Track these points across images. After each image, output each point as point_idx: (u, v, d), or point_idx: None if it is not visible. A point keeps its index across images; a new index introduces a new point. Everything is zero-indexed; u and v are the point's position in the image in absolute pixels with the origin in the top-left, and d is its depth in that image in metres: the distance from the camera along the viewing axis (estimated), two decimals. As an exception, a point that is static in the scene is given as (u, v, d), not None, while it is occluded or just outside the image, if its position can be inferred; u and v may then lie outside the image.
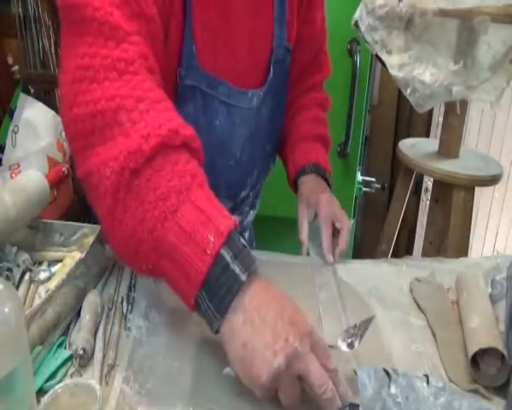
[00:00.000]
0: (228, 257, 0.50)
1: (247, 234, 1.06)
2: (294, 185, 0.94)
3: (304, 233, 0.85)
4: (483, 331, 0.60)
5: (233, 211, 0.94)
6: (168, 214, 0.51)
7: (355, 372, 0.53)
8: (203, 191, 0.54)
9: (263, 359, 0.48)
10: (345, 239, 0.82)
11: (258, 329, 0.49)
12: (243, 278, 0.50)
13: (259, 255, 0.83)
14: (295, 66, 0.93)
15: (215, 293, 0.50)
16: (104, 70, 0.54)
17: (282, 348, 0.47)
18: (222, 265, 0.50)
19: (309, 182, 0.91)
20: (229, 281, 0.50)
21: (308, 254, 0.84)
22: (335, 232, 0.84)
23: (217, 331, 0.52)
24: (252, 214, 1.04)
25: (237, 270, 0.50)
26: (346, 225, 0.83)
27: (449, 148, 1.43)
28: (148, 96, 0.55)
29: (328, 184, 0.92)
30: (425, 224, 1.70)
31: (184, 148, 0.55)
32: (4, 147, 1.70)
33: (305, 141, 0.95)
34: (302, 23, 0.91)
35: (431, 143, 1.54)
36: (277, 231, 1.58)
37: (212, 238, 0.50)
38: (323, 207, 0.84)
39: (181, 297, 0.53)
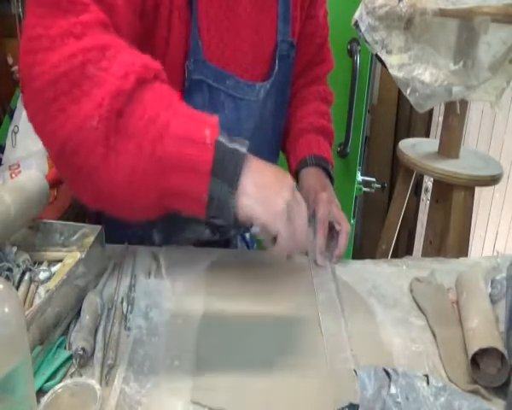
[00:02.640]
0: (225, 141, 0.54)
1: (247, 235, 1.06)
2: (296, 178, 0.92)
3: None
4: (483, 331, 0.60)
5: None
6: (162, 131, 0.52)
7: (355, 372, 0.53)
8: (184, 104, 0.56)
9: (276, 190, 0.57)
10: (343, 243, 0.81)
11: (265, 176, 0.58)
12: (244, 149, 0.55)
13: (259, 255, 0.83)
14: (298, 60, 0.93)
15: (225, 172, 0.53)
16: (61, 37, 0.52)
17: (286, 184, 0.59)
18: (223, 148, 0.54)
19: (309, 177, 0.89)
20: (234, 157, 0.54)
21: (306, 254, 0.83)
22: (334, 234, 0.83)
23: (234, 213, 0.55)
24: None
25: (237, 146, 0.55)
26: (345, 228, 0.82)
27: (449, 148, 1.43)
28: (112, 44, 0.54)
29: (331, 176, 0.90)
30: (425, 224, 1.70)
31: (157, 80, 0.56)
32: (4, 147, 1.70)
33: (307, 133, 0.95)
34: (305, 19, 0.91)
35: (431, 143, 1.54)
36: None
37: (207, 132, 0.53)
38: (321, 208, 0.82)
39: (193, 205, 0.55)
